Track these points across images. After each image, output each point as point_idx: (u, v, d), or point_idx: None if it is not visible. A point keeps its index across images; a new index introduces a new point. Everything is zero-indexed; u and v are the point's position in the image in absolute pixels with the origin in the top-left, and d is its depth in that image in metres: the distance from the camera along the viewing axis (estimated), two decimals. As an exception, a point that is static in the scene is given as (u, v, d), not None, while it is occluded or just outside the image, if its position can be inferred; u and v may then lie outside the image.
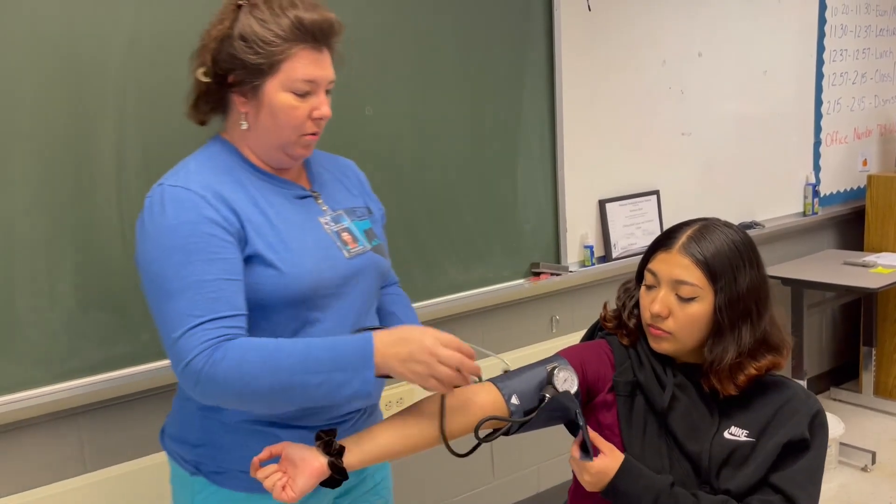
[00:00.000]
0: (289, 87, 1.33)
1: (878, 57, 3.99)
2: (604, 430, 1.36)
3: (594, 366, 1.40)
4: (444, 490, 2.66)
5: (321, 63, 1.36)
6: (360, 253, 1.45)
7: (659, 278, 1.34)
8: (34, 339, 1.75)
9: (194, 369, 1.22)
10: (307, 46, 1.33)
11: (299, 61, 1.32)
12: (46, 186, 1.74)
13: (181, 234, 1.26)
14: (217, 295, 1.25)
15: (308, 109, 1.35)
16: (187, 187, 1.30)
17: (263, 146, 1.39)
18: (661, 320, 1.33)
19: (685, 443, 1.32)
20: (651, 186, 3.05)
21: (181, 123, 1.88)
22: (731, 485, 1.29)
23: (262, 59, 1.31)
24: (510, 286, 2.64)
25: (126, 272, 1.85)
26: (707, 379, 1.34)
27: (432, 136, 2.40)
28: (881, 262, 3.46)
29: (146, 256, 1.29)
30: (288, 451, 1.24)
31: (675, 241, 1.34)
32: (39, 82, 1.71)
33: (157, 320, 1.29)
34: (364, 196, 1.58)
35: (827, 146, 3.81)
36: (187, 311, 1.24)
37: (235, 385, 1.22)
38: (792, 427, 1.31)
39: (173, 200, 1.29)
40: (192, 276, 1.24)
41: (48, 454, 1.85)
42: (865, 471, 3.25)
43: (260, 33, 1.31)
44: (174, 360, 1.26)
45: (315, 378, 1.23)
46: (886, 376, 3.85)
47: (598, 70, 2.82)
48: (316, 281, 1.36)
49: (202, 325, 1.23)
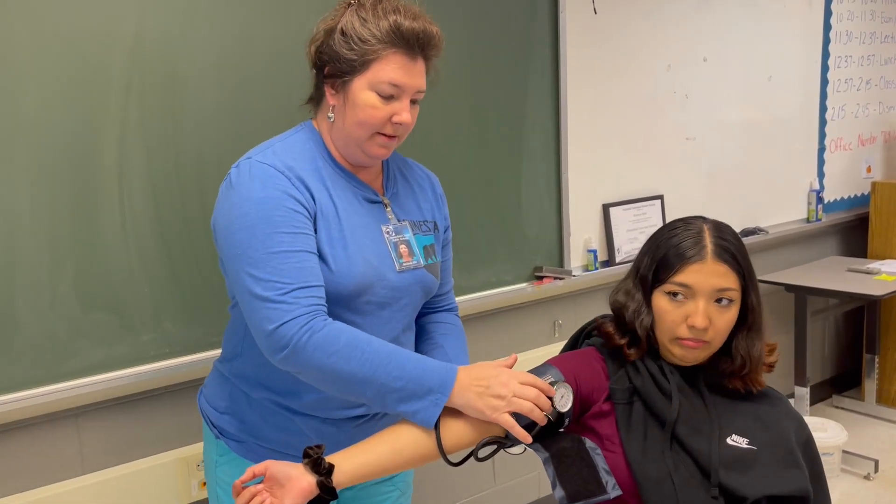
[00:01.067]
0: (374, 87, 1.36)
1: (882, 63, 3.98)
2: (603, 440, 1.33)
3: (587, 376, 1.37)
4: (445, 496, 2.65)
5: (411, 70, 1.38)
6: (412, 268, 1.47)
7: (694, 290, 1.30)
8: (34, 339, 1.74)
9: (286, 334, 1.25)
10: (400, 51, 1.36)
11: (389, 64, 1.35)
12: (48, 186, 1.73)
13: (268, 207, 1.31)
14: (302, 265, 1.30)
15: (389, 112, 1.38)
16: (274, 165, 1.35)
17: (343, 140, 1.42)
18: (703, 333, 1.30)
19: (690, 443, 1.30)
20: (655, 191, 3.04)
21: (184, 123, 1.89)
22: (739, 485, 1.28)
23: (356, 55, 1.35)
24: (513, 290, 2.64)
25: (126, 273, 1.84)
26: (742, 379, 1.35)
27: (436, 140, 2.39)
28: (885, 269, 3.44)
29: (230, 225, 1.33)
30: (273, 470, 1.19)
31: (702, 249, 1.30)
32: (42, 82, 1.70)
33: (238, 284, 1.32)
34: (435, 211, 1.60)
35: (831, 152, 3.80)
36: (276, 277, 1.28)
37: (322, 359, 1.26)
38: (785, 436, 1.34)
39: (262, 175, 1.34)
40: (279, 247, 1.29)
41: (47, 455, 1.84)
42: (868, 479, 3.23)
43: (358, 30, 1.35)
44: (261, 321, 1.28)
45: (395, 382, 1.26)
46: (889, 384, 3.84)
47: (603, 74, 2.81)
48: (360, 287, 1.39)
49: (294, 293, 1.27)
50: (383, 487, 1.63)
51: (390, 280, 1.43)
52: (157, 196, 1.86)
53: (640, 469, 1.28)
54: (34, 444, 1.82)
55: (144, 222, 1.85)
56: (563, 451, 1.29)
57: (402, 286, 1.46)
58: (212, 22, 1.90)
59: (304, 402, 1.46)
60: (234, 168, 1.39)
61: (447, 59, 2.38)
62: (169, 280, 1.89)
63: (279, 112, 1.99)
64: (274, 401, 1.46)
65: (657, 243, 1.37)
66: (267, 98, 2.00)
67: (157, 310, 1.89)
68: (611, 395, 1.35)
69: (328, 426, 1.49)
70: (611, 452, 1.32)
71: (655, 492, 1.27)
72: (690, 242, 1.32)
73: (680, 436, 1.31)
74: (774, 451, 1.32)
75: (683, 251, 1.31)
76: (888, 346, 3.82)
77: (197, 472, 1.97)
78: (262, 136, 1.53)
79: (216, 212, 1.40)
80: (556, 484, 1.26)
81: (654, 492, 1.27)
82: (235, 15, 1.93)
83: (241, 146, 1.69)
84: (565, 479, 1.26)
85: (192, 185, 1.91)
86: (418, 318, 1.64)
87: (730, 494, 1.29)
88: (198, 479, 1.98)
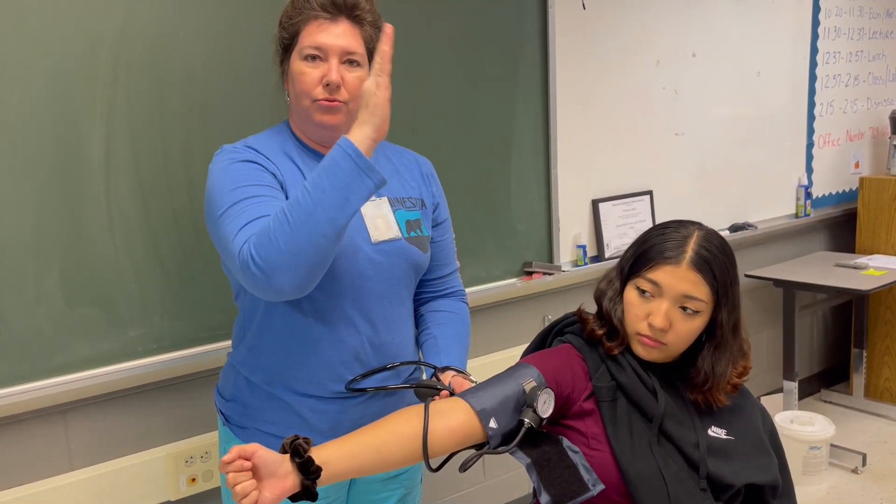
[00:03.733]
0: (301, 55, 1.43)
1: (870, 60, 4.00)
2: (588, 439, 1.32)
3: (568, 376, 1.36)
4: (436, 491, 2.65)
5: (331, 31, 1.43)
6: (389, 240, 1.49)
7: (662, 290, 1.31)
8: (20, 335, 1.73)
9: (244, 259, 1.30)
10: (318, 16, 1.43)
11: (309, 30, 1.43)
12: (33, 180, 1.72)
13: (232, 171, 1.40)
14: (260, 202, 1.36)
15: (319, 76, 1.42)
16: (244, 144, 1.47)
17: (298, 118, 1.49)
18: (662, 334, 1.31)
19: (677, 436, 1.31)
20: (644, 187, 3.05)
21: (170, 118, 1.88)
22: (725, 473, 1.30)
23: (287, 34, 1.46)
24: (503, 285, 2.64)
25: (113, 268, 1.83)
26: (704, 393, 1.34)
27: (425, 134, 2.38)
28: (872, 264, 3.46)
29: (206, 200, 1.42)
30: (261, 458, 1.15)
31: (681, 253, 1.30)
32: (27, 76, 1.69)
33: (221, 244, 1.38)
34: (422, 189, 1.61)
35: (819, 148, 3.82)
36: (236, 220, 1.34)
37: (273, 246, 1.28)
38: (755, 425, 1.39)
39: (228, 151, 1.45)
40: (240, 195, 1.36)
41: (34, 451, 1.83)
42: (856, 472, 3.25)
43: (287, 11, 1.47)
44: (235, 266, 1.33)
45: (333, 199, 1.28)
46: (877, 378, 3.86)
47: (593, 69, 2.81)
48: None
49: (248, 225, 1.33)
50: (391, 484, 1.63)
51: (366, 251, 1.46)
52: (145, 190, 1.85)
53: (630, 466, 1.28)
54: (21, 440, 1.81)
55: (132, 216, 1.84)
56: (543, 454, 1.29)
57: (381, 259, 1.48)
58: (199, 14, 1.89)
59: (298, 377, 1.48)
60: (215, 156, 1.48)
61: (436, 55, 2.39)
62: (157, 275, 1.88)
63: (267, 105, 1.98)
64: (270, 381, 1.49)
65: (645, 238, 1.38)
66: (255, 91, 1.99)
67: (145, 305, 1.88)
68: (594, 392, 1.35)
69: (328, 405, 1.49)
70: (597, 451, 1.31)
71: (647, 488, 1.27)
72: (673, 244, 1.32)
73: (667, 429, 1.31)
74: (750, 440, 1.36)
75: (663, 250, 1.32)
76: (876, 341, 3.85)
77: (185, 468, 1.97)
78: (250, 129, 1.53)
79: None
80: (541, 489, 1.26)
81: (646, 488, 1.27)
82: (222, 7, 1.92)
83: (228, 139, 1.68)
84: (549, 482, 1.26)
85: (180, 179, 1.89)
86: (420, 303, 1.65)
87: (716, 484, 1.30)
88: (186, 475, 1.97)
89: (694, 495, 1.27)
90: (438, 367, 1.50)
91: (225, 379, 1.60)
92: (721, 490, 1.30)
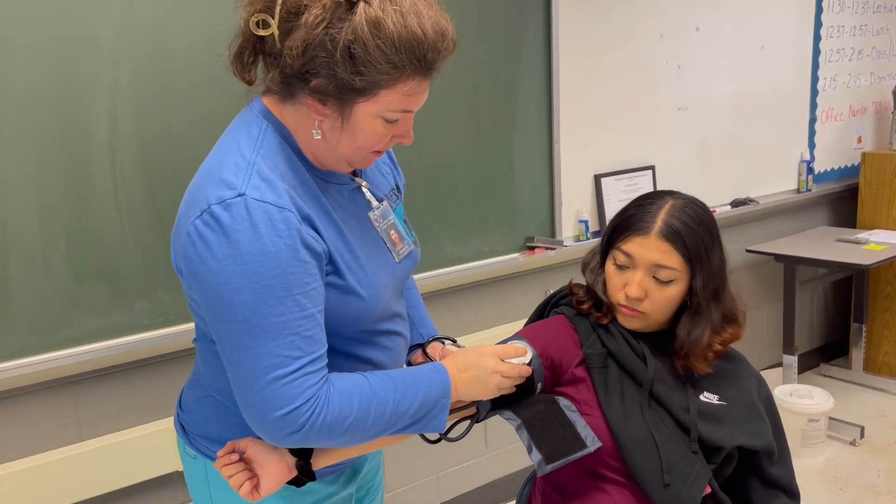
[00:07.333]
0: (382, 115, 1.14)
1: (874, 34, 3.98)
2: (581, 405, 1.35)
3: (558, 344, 1.39)
4: (438, 462, 2.68)
5: (425, 91, 1.16)
6: (406, 254, 1.35)
7: (635, 261, 1.34)
8: (29, 308, 1.75)
9: (298, 419, 1.09)
10: (417, 76, 1.12)
11: (403, 90, 1.12)
12: (39, 157, 1.73)
13: (281, 264, 1.07)
14: (312, 332, 1.11)
15: (392, 135, 1.18)
16: (279, 205, 1.09)
17: (329, 156, 1.19)
18: (637, 303, 1.34)
19: (667, 400, 1.34)
20: (647, 161, 3.05)
21: (175, 93, 1.88)
22: (715, 436, 1.33)
23: (364, 83, 1.09)
24: (505, 260, 2.65)
25: (119, 242, 1.85)
26: (683, 359, 1.36)
27: (426, 110, 2.38)
28: (873, 238, 3.47)
29: (229, 284, 1.07)
30: (253, 450, 1.20)
31: (651, 224, 1.33)
32: (31, 54, 1.69)
33: (237, 359, 1.10)
34: (395, 173, 1.44)
35: (822, 123, 3.81)
36: (285, 351, 1.08)
37: (336, 436, 1.14)
38: (749, 391, 1.40)
39: (266, 221, 1.07)
40: (290, 312, 1.08)
41: (43, 422, 1.86)
42: (854, 445, 3.28)
43: (371, 52, 1.06)
44: (265, 405, 1.09)
45: (407, 420, 1.20)
46: (876, 352, 3.89)
47: (595, 44, 2.80)
48: (387, 299, 1.27)
49: (303, 369, 1.10)
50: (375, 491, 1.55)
51: (396, 275, 1.31)
52: (149, 166, 1.86)
53: (621, 430, 1.31)
54: (31, 411, 1.84)
55: (137, 192, 1.86)
56: (536, 414, 1.31)
57: (403, 274, 1.35)
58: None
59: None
60: (218, 207, 1.08)
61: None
62: (162, 249, 1.90)
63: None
64: (220, 396, 1.29)
65: (622, 211, 1.41)
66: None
67: (151, 278, 1.90)
68: (585, 359, 1.38)
69: None
70: (589, 416, 1.34)
71: (639, 451, 1.30)
72: (646, 216, 1.34)
73: (657, 394, 1.35)
74: (742, 405, 1.38)
75: (634, 222, 1.35)
76: (875, 316, 3.87)
77: (192, 440, 2.00)
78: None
79: (196, 262, 1.09)
80: (532, 448, 1.28)
81: (637, 451, 1.30)
82: (226, -17, 1.92)
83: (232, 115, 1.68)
84: (541, 441, 1.28)
85: (184, 156, 1.90)
86: None
87: (707, 447, 1.33)
88: (193, 447, 2.00)
89: (685, 458, 1.30)
90: (424, 342, 1.48)
91: (184, 390, 1.40)
92: (712, 453, 1.33)
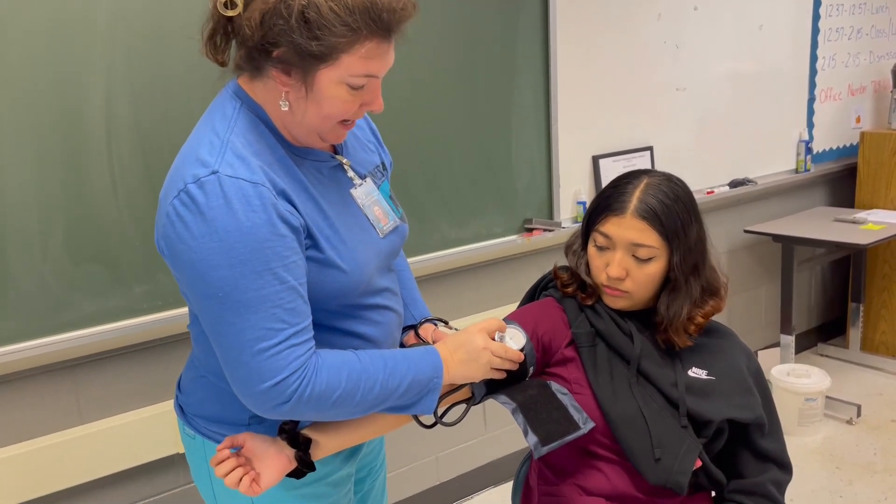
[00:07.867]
0: (345, 81, 1.13)
1: (873, 12, 3.96)
2: (571, 384, 1.37)
3: (548, 325, 1.41)
4: (437, 443, 2.70)
5: (386, 54, 1.16)
6: (392, 230, 1.34)
7: (614, 241, 1.35)
8: (27, 292, 1.76)
9: (286, 390, 1.11)
10: (376, 38, 1.12)
11: (363, 54, 1.12)
12: (35, 140, 1.72)
13: (257, 238, 1.08)
14: (294, 304, 1.12)
15: (359, 102, 1.18)
16: (253, 180, 1.10)
17: (299, 128, 1.20)
18: (619, 282, 1.36)
19: (655, 376, 1.36)
20: (645, 142, 3.04)
21: (171, 74, 1.87)
22: (704, 410, 1.34)
23: (323, 48, 1.09)
24: (503, 242, 2.65)
25: (117, 226, 1.85)
26: (664, 334, 1.38)
27: (424, 92, 2.38)
28: (871, 218, 3.47)
29: (206, 260, 1.08)
30: (251, 443, 1.22)
31: (626, 203, 1.34)
32: (25, 36, 1.68)
33: (221, 334, 1.12)
34: (379, 150, 1.44)
35: (821, 103, 3.80)
36: (268, 324, 1.10)
37: (325, 409, 1.16)
38: (738, 366, 1.41)
39: (240, 195, 1.08)
40: (271, 285, 1.10)
41: (43, 406, 1.87)
42: (850, 423, 3.30)
43: (326, 16, 1.07)
44: (251, 377, 1.11)
45: (398, 399, 1.21)
46: (873, 332, 3.90)
47: (593, 24, 2.79)
48: (370, 273, 1.27)
49: (288, 341, 1.11)
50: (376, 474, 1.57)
51: (381, 250, 1.31)
52: (146, 148, 1.86)
53: (611, 408, 1.33)
54: (32, 395, 1.85)
55: (134, 175, 1.85)
56: (530, 398, 1.33)
57: (389, 249, 1.34)
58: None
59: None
60: (193, 186, 1.09)
61: (435, 13, 2.37)
62: (160, 233, 1.90)
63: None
64: (216, 377, 1.29)
65: (601, 191, 1.41)
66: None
67: (149, 262, 1.90)
68: (574, 339, 1.40)
69: None
70: (579, 395, 1.36)
71: (629, 428, 1.32)
72: (621, 196, 1.35)
73: (645, 370, 1.36)
74: (731, 379, 1.39)
75: (611, 203, 1.36)
76: (873, 295, 3.88)
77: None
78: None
79: (175, 241, 1.11)
80: (528, 431, 1.30)
81: (628, 428, 1.32)
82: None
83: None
84: (536, 424, 1.30)
85: (180, 138, 1.88)
86: None
87: (696, 421, 1.34)
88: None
89: (675, 432, 1.32)
90: (416, 323, 1.48)
91: (184, 370, 1.41)
92: (702, 427, 1.35)
